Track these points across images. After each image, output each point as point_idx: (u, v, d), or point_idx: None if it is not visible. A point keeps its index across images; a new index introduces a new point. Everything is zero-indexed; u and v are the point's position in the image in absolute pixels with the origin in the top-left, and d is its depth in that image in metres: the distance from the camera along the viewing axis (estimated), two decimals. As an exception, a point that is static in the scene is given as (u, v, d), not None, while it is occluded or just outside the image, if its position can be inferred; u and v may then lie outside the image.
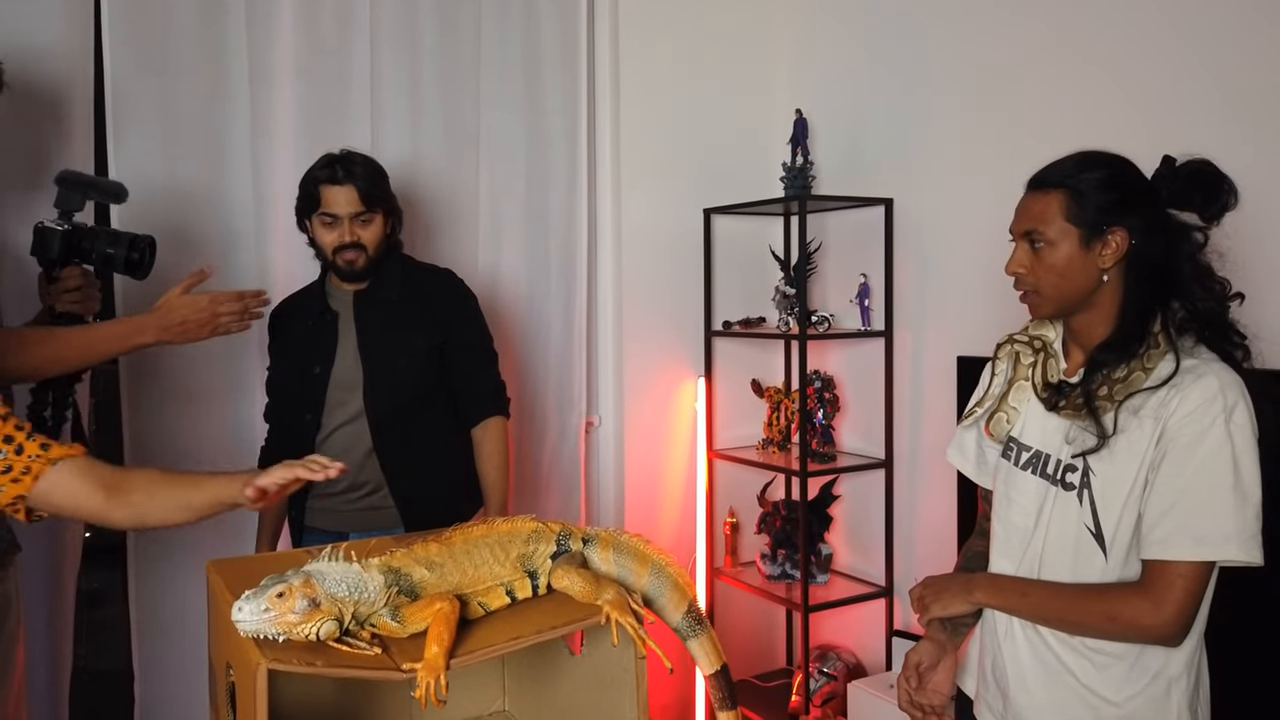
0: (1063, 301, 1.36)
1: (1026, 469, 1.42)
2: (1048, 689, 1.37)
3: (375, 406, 2.05)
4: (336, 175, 2.01)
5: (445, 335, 2.12)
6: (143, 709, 2.29)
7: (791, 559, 2.95)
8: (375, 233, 2.05)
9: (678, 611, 1.24)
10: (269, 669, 0.96)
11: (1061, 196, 1.33)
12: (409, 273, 2.14)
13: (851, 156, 2.95)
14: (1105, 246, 1.32)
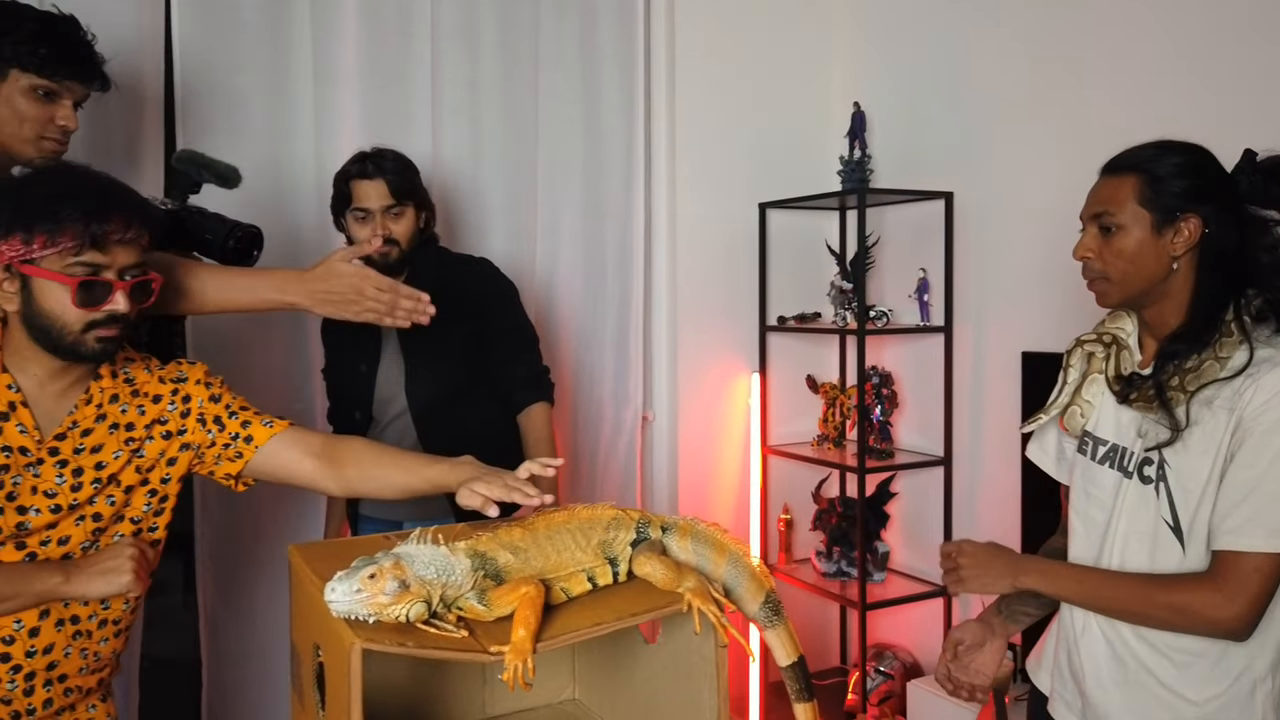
0: (1130, 289, 1.33)
1: (1104, 463, 1.40)
2: (1124, 688, 1.34)
3: (417, 399, 2.07)
4: (367, 170, 2.03)
5: (483, 323, 2.12)
6: (211, 695, 2.33)
7: (847, 556, 2.93)
8: (407, 226, 2.06)
9: (755, 601, 1.23)
10: (363, 648, 0.97)
11: (1135, 180, 1.30)
12: (444, 264, 2.15)
13: (909, 149, 2.92)
14: (1178, 234, 1.29)
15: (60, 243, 1.20)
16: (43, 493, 1.26)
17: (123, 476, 1.33)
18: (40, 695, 1.28)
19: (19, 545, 1.25)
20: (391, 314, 1.60)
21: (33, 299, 1.22)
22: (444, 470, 1.39)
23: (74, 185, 1.24)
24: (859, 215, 2.76)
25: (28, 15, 1.56)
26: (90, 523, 1.30)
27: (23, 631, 1.25)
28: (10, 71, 1.54)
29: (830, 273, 3.04)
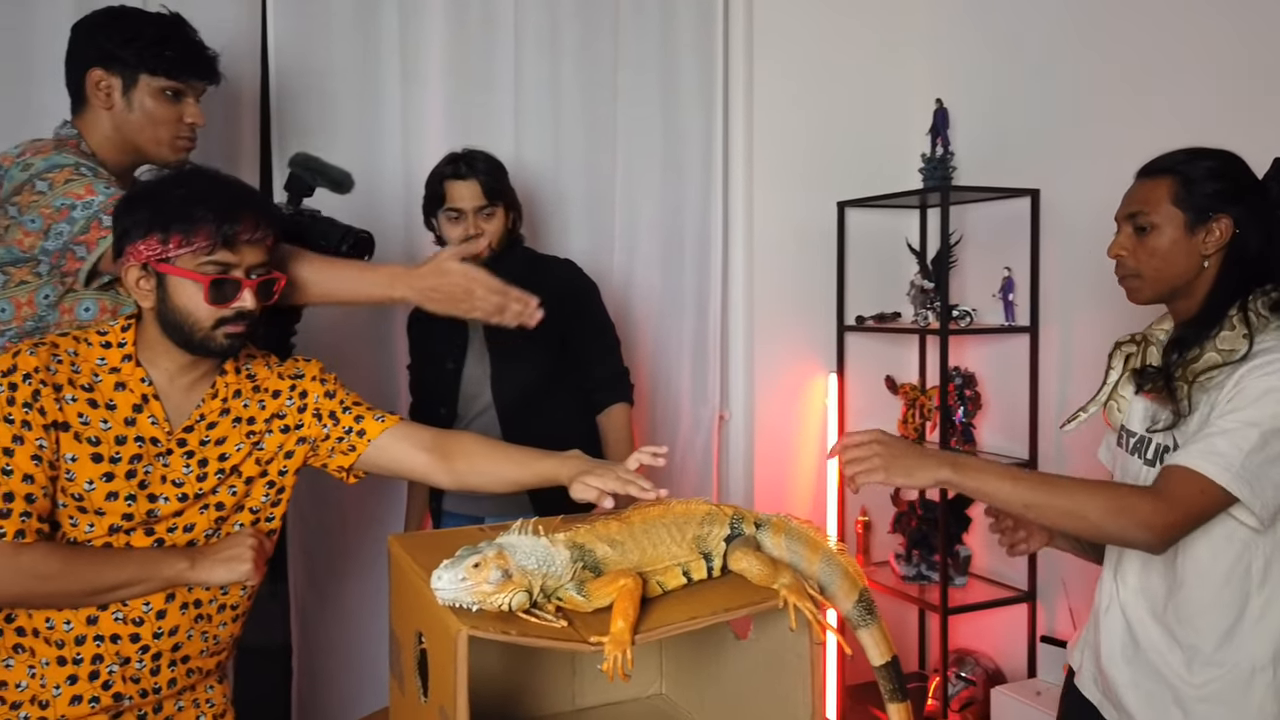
0: (1161, 286, 1.40)
1: (1133, 453, 1.46)
2: (1133, 665, 1.41)
3: (502, 397, 2.10)
4: (460, 171, 2.07)
5: (567, 325, 2.15)
6: (302, 683, 2.40)
7: (927, 560, 2.89)
8: (498, 226, 2.10)
9: (849, 599, 1.22)
10: (469, 635, 0.99)
11: (1169, 182, 1.38)
12: (531, 264, 2.19)
13: (993, 146, 2.87)
14: (1209, 233, 1.36)
15: (194, 242, 1.26)
16: (171, 482, 1.32)
17: (244, 468, 1.38)
18: (165, 675, 1.34)
19: (148, 531, 1.31)
20: (500, 314, 1.60)
21: (167, 296, 1.28)
22: (554, 464, 1.42)
23: (207, 188, 1.29)
24: (941, 213, 2.72)
25: (147, 20, 1.63)
26: (213, 511, 1.36)
27: (150, 614, 1.30)
28: (140, 77, 1.60)
29: (910, 272, 3.00)
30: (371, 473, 1.50)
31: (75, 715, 1.26)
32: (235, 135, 2.28)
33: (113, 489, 1.28)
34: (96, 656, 1.27)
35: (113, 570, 1.26)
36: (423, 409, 2.23)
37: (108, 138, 1.63)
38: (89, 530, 1.28)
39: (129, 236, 1.28)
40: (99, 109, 1.62)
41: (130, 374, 1.31)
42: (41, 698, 1.26)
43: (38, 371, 1.25)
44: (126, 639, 1.29)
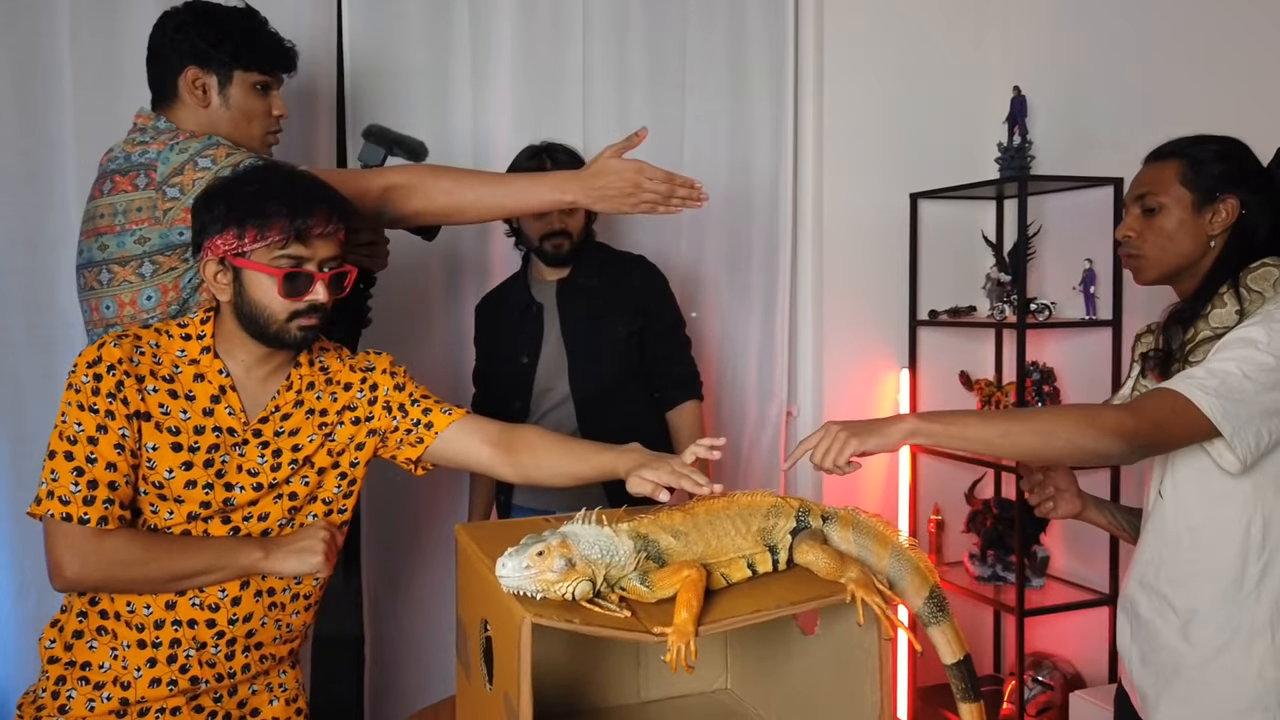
0: (1165, 266, 1.41)
1: None
2: (1138, 640, 1.44)
3: (580, 391, 2.11)
4: (544, 165, 2.08)
5: (643, 321, 2.16)
6: (374, 671, 2.45)
7: (1003, 560, 2.81)
8: (579, 220, 2.12)
9: (919, 596, 1.20)
10: (533, 623, 0.99)
11: (1177, 164, 1.41)
12: (606, 260, 2.20)
13: (1073, 134, 2.77)
14: (1216, 214, 1.38)
15: (269, 236, 1.28)
16: (246, 471, 1.35)
17: (316, 459, 1.41)
18: (240, 660, 1.37)
19: (224, 520, 1.34)
20: (667, 202, 1.61)
21: (243, 290, 1.31)
22: (612, 457, 1.42)
23: (280, 183, 1.32)
24: (1019, 204, 2.64)
25: (234, 16, 1.66)
26: (287, 501, 1.39)
27: (226, 600, 1.34)
28: (234, 73, 1.64)
29: (985, 265, 2.93)
30: (438, 465, 1.52)
31: (154, 697, 1.30)
32: (311, 136, 2.34)
33: (191, 477, 1.31)
34: (174, 641, 1.31)
35: (190, 558, 1.30)
36: (492, 403, 2.23)
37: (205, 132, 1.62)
38: (168, 518, 1.31)
39: (207, 232, 1.31)
40: (194, 106, 1.63)
41: (209, 366, 1.34)
42: (123, 679, 1.30)
43: (121, 363, 1.28)
44: (203, 624, 1.32)
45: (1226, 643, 1.33)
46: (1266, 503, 1.31)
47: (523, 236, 2.16)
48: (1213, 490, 1.34)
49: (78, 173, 2.07)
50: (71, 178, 2.08)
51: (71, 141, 2.11)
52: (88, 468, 1.25)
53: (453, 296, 2.49)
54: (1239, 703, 1.32)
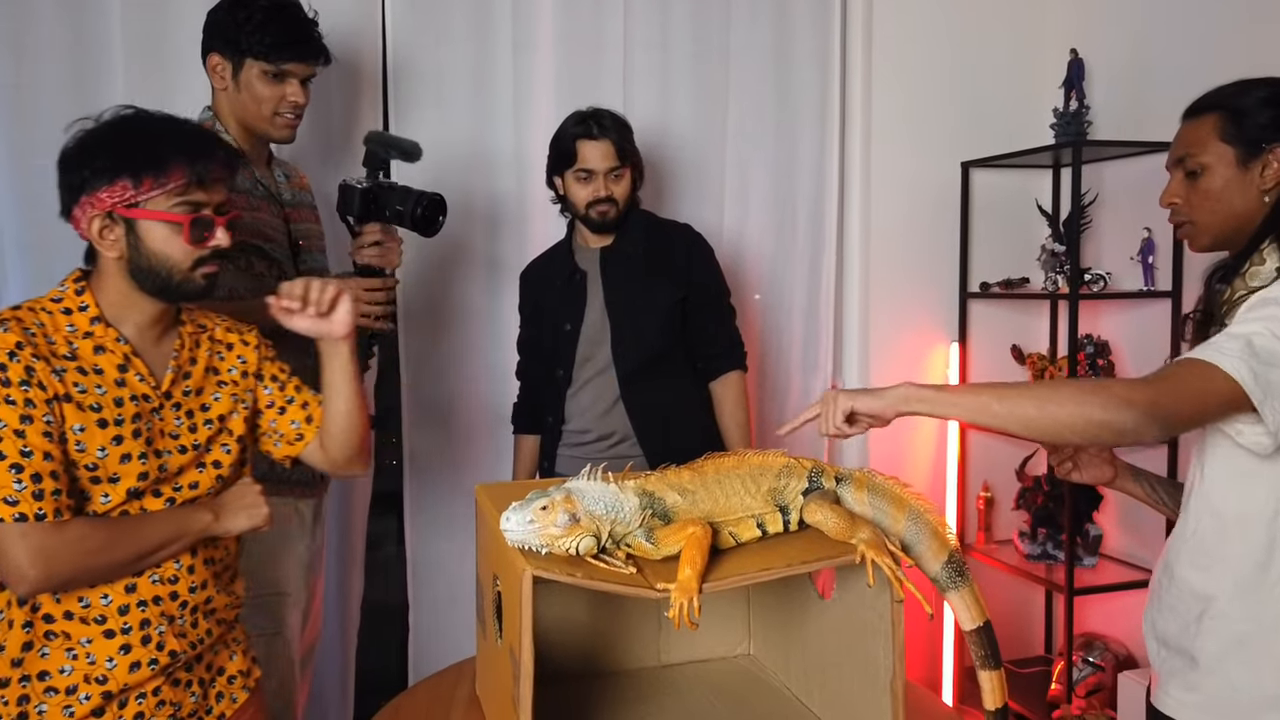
0: (1219, 230, 1.30)
1: None
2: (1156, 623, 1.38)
3: (622, 359, 2.10)
4: (592, 131, 2.06)
5: (686, 290, 2.14)
6: (415, 636, 2.50)
7: (1054, 538, 2.74)
8: (626, 187, 2.11)
9: (937, 560, 1.17)
10: (534, 575, 1.00)
11: (1216, 117, 1.29)
12: (651, 228, 2.18)
13: (1132, 99, 2.66)
14: (1266, 166, 1.26)
15: (167, 183, 1.23)
16: (169, 435, 1.31)
17: (231, 424, 1.38)
18: (203, 627, 1.33)
19: (156, 494, 1.29)
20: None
21: (139, 242, 1.25)
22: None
23: (167, 128, 1.27)
24: (1073, 171, 2.54)
25: (256, 5, 1.74)
26: (212, 470, 1.35)
27: (183, 571, 1.30)
28: (245, 60, 1.75)
29: (1041, 235, 2.84)
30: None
31: (136, 680, 1.26)
32: (355, 109, 2.36)
33: (125, 451, 1.25)
34: (144, 621, 1.27)
35: (151, 533, 1.26)
36: (537, 370, 2.23)
37: (230, 115, 1.81)
38: (105, 500, 1.25)
39: (87, 186, 1.24)
40: (218, 89, 1.80)
41: (104, 335, 1.27)
42: (96, 674, 1.24)
43: (22, 348, 1.20)
44: (167, 598, 1.29)
45: (1245, 635, 1.23)
46: None
47: (568, 204, 2.15)
48: (1240, 471, 1.24)
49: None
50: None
51: (122, 89, 2.16)
52: (25, 462, 1.17)
53: (491, 270, 2.50)
54: (1253, 698, 1.23)
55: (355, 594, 2.45)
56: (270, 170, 1.92)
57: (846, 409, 1.20)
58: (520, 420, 2.27)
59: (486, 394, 2.50)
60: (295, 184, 1.97)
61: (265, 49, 1.74)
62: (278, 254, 1.82)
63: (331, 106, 2.32)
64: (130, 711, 1.26)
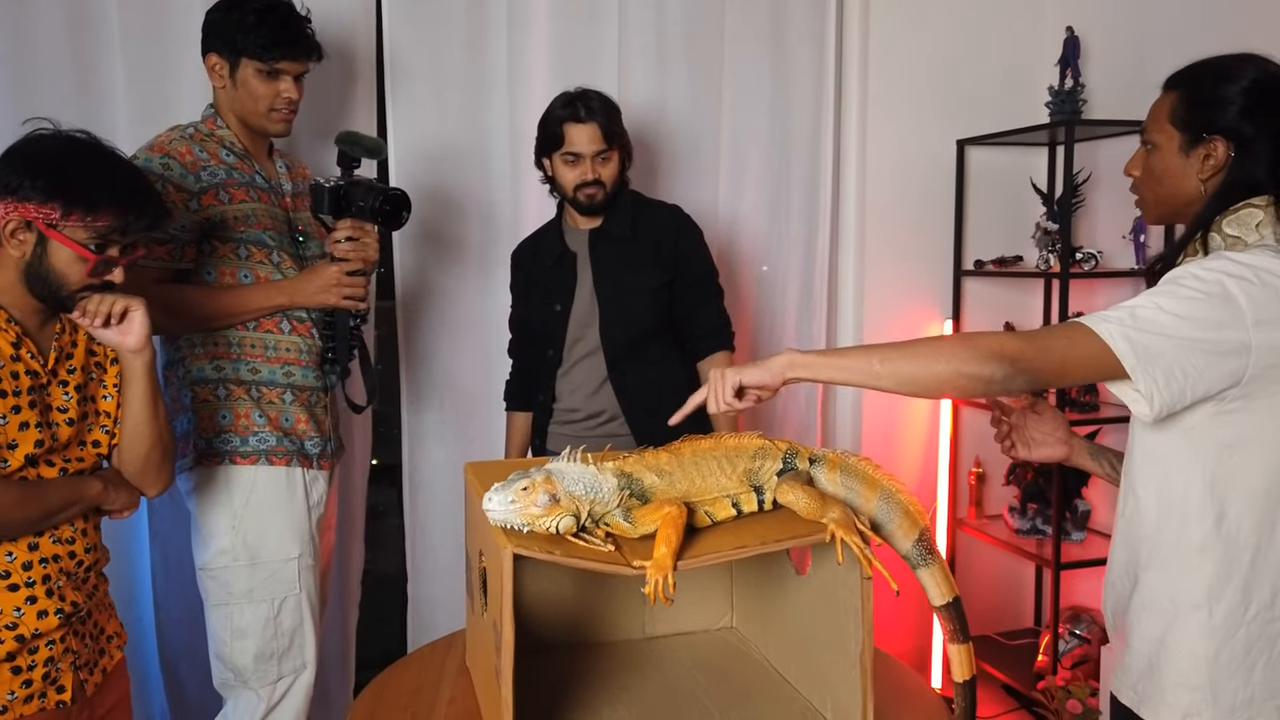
0: (1160, 209, 1.30)
1: None
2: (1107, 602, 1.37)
3: (610, 340, 2.12)
4: (579, 114, 2.06)
5: (674, 272, 2.16)
6: (414, 606, 2.56)
7: (1043, 514, 2.78)
8: (613, 169, 2.11)
9: (908, 539, 1.21)
10: (514, 554, 1.04)
11: (1173, 97, 1.26)
12: (639, 209, 2.19)
13: (1127, 77, 2.67)
14: (1207, 155, 1.22)
15: (92, 223, 1.36)
16: (57, 409, 1.43)
17: (105, 406, 1.50)
18: (91, 583, 1.49)
19: (49, 464, 1.42)
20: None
21: (44, 255, 1.37)
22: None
23: (111, 173, 1.40)
24: (1066, 149, 2.56)
25: (250, 6, 1.82)
26: (91, 449, 1.48)
27: (78, 532, 1.45)
28: (241, 60, 1.83)
29: (1035, 213, 2.85)
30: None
31: (46, 628, 1.39)
32: (350, 92, 2.38)
33: (23, 419, 1.37)
34: (45, 576, 1.40)
35: (54, 496, 1.40)
36: (528, 350, 2.27)
37: (229, 112, 1.88)
38: (2, 465, 1.36)
39: (21, 193, 1.34)
40: (218, 89, 1.88)
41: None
42: (4, 622, 1.37)
43: None
44: (65, 556, 1.43)
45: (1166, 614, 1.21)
46: (1207, 467, 1.17)
47: (556, 185, 2.17)
48: (1155, 451, 1.23)
49: (128, 127, 2.16)
50: (122, 131, 2.16)
51: (121, 93, 2.19)
52: None
53: (482, 248, 2.53)
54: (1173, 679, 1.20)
55: (356, 565, 2.50)
56: (272, 162, 1.97)
57: (734, 383, 1.19)
58: (512, 398, 2.31)
59: (481, 372, 2.54)
60: (296, 175, 2.01)
61: (259, 49, 1.81)
62: (277, 243, 1.87)
63: (328, 97, 2.34)
64: (41, 657, 1.40)
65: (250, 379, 1.85)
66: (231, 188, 1.83)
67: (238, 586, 1.84)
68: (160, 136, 1.83)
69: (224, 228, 1.81)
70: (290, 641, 1.87)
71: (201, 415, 1.82)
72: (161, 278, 1.78)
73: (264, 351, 1.85)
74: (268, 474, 1.85)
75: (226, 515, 1.84)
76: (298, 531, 1.88)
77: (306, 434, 1.90)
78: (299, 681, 1.89)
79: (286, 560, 1.86)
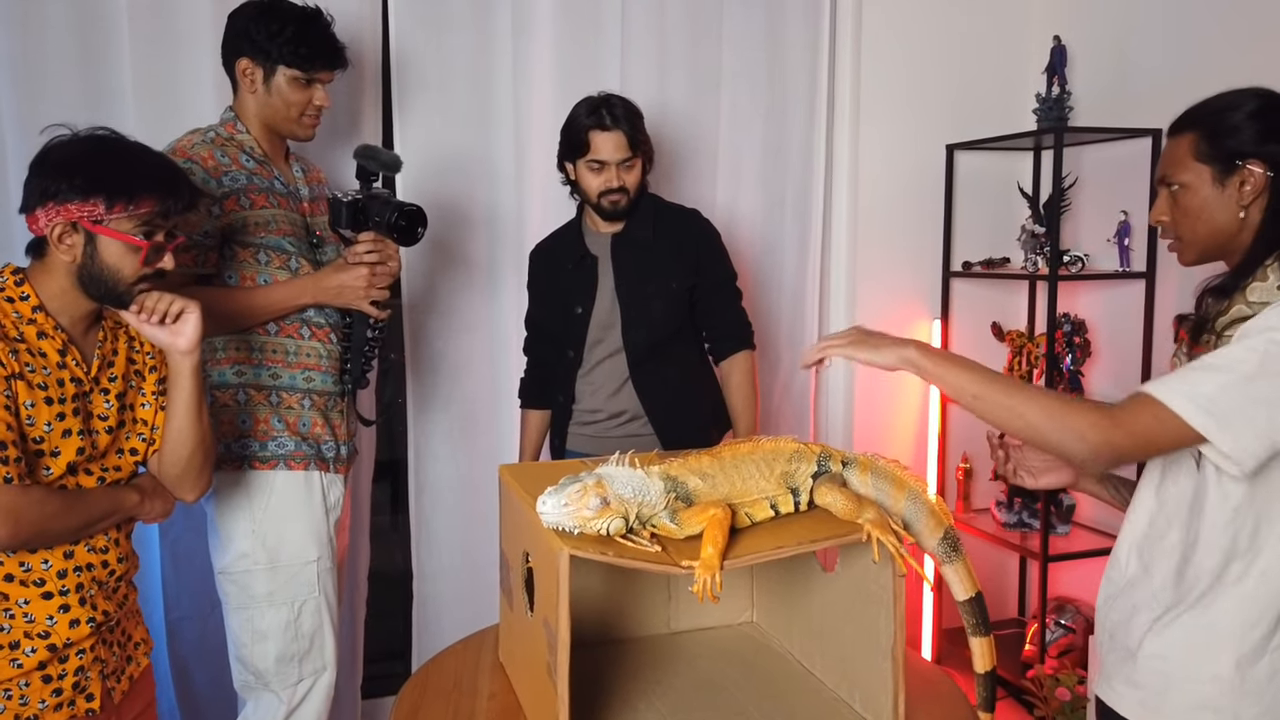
0: (1203, 247, 1.33)
1: None
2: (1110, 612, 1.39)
3: (632, 343, 2.13)
4: (604, 121, 2.06)
5: (695, 278, 2.17)
6: (419, 603, 2.59)
7: (1029, 508, 2.87)
8: (637, 176, 2.12)
9: (933, 536, 1.27)
10: (570, 555, 1.09)
11: (1191, 137, 1.31)
12: (660, 213, 2.20)
13: (1113, 85, 2.76)
14: (1243, 182, 1.27)
15: (136, 210, 1.38)
16: (98, 417, 1.45)
17: (144, 414, 1.53)
18: (122, 593, 1.51)
19: (88, 472, 1.44)
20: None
21: (95, 253, 1.38)
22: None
23: (144, 159, 1.43)
24: (1055, 155, 2.64)
25: (290, 16, 1.85)
26: (129, 455, 1.51)
27: (111, 542, 1.48)
28: (278, 68, 1.86)
29: (1021, 216, 2.94)
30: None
31: (77, 637, 1.40)
32: (358, 99, 2.39)
33: (66, 427, 1.39)
34: (79, 585, 1.41)
35: (94, 505, 1.42)
36: (546, 351, 2.27)
37: (255, 116, 1.90)
38: (46, 474, 1.38)
39: (61, 195, 1.35)
40: (245, 93, 1.89)
41: (45, 323, 1.40)
42: (38, 630, 1.37)
43: None
44: (99, 565, 1.44)
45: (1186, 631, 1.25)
46: (1256, 506, 1.21)
47: (579, 189, 2.15)
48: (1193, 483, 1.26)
49: (136, 129, 2.16)
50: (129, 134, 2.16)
51: (130, 95, 2.19)
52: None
53: (489, 250, 2.56)
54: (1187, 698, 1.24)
55: (363, 563, 2.53)
56: (289, 166, 1.99)
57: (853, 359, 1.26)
58: (527, 395, 2.31)
59: (488, 373, 2.57)
60: (312, 179, 2.03)
61: (299, 59, 1.84)
62: (294, 247, 1.89)
63: (336, 100, 2.33)
64: (71, 665, 1.41)
65: (271, 384, 1.87)
66: (252, 193, 1.85)
67: (258, 590, 1.86)
68: (182, 140, 1.84)
69: (244, 233, 1.83)
70: (310, 644, 1.90)
71: (221, 419, 1.84)
72: (184, 283, 1.79)
73: (284, 357, 1.87)
74: (286, 478, 1.88)
75: (246, 519, 1.86)
76: (316, 534, 1.90)
77: (323, 438, 1.92)
78: (319, 683, 1.91)
79: (306, 563, 1.89)
